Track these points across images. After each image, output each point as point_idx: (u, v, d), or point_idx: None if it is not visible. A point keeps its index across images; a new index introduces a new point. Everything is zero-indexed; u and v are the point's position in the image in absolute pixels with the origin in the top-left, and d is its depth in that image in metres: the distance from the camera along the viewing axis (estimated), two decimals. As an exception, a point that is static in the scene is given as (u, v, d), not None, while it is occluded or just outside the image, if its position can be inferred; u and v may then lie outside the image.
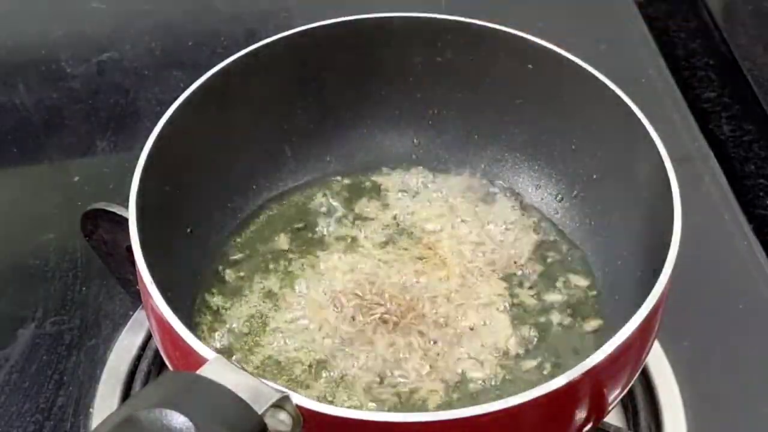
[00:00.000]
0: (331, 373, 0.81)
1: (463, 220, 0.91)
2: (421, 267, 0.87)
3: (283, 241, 0.90)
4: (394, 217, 0.91)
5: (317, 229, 0.91)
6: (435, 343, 0.82)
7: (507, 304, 0.85)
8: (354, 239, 0.90)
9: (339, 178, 0.94)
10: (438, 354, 0.82)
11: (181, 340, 0.69)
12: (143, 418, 0.59)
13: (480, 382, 0.80)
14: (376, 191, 0.93)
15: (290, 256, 0.89)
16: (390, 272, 0.87)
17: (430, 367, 0.81)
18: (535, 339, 0.83)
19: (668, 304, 0.76)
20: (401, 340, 0.82)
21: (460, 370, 0.81)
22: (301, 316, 0.84)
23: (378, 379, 0.80)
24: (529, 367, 0.82)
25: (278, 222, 0.91)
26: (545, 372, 0.81)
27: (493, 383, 0.80)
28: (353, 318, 0.83)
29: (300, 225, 0.91)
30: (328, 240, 0.90)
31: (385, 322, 0.83)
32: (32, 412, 0.88)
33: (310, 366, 0.81)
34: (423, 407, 0.79)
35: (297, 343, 0.83)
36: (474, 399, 0.79)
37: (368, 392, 0.79)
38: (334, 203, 0.92)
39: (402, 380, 0.80)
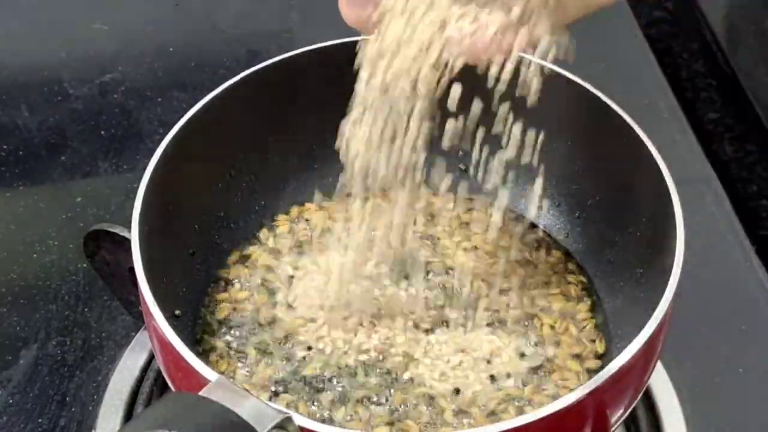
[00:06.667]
0: (335, 393, 0.80)
1: (465, 241, 0.90)
2: (428, 289, 0.87)
3: (285, 262, 0.90)
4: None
5: (320, 250, 0.90)
6: (446, 362, 0.82)
7: (510, 326, 0.85)
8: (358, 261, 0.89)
9: (341, 199, 0.94)
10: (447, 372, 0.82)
11: (184, 361, 0.69)
12: (145, 439, 0.59)
13: (483, 404, 0.80)
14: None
15: (293, 276, 0.88)
16: (399, 294, 0.86)
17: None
18: (539, 360, 0.83)
19: (671, 325, 0.76)
20: (410, 363, 0.82)
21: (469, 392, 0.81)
22: (303, 340, 0.84)
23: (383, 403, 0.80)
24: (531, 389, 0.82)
25: (280, 243, 0.91)
26: (548, 393, 0.81)
27: (496, 405, 0.80)
28: (356, 342, 0.84)
29: (302, 247, 0.91)
30: (332, 261, 0.89)
31: (393, 355, 0.83)
32: (34, 434, 0.89)
33: (310, 384, 0.81)
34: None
35: (298, 362, 0.82)
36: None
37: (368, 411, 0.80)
38: (337, 225, 0.92)
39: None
